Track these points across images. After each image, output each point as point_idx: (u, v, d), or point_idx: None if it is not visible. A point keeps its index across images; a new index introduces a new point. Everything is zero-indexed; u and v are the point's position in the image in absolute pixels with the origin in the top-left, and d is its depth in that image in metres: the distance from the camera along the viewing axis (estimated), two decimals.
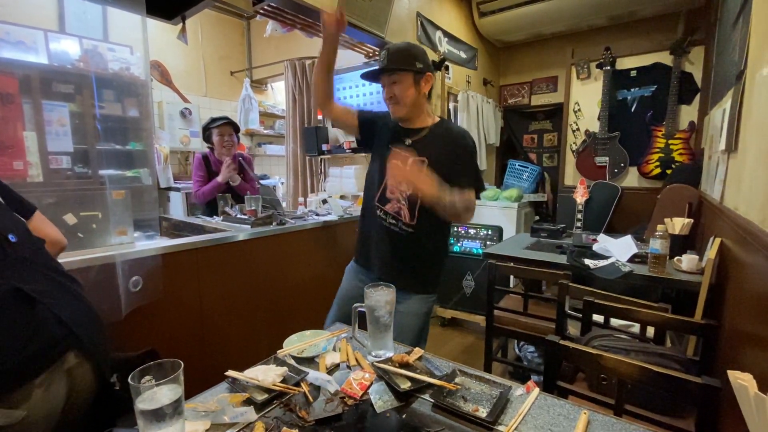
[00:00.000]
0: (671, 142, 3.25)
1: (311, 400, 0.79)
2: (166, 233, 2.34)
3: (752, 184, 1.16)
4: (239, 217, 2.03)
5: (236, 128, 2.50)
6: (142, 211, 2.41)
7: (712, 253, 1.47)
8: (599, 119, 3.58)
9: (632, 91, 3.49)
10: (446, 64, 3.25)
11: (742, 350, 1.03)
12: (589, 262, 1.86)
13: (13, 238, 0.83)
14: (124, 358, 0.94)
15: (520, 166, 4.17)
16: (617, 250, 1.95)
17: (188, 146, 3.88)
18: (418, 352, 0.97)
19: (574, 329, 1.80)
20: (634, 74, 3.47)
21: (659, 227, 1.75)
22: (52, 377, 0.76)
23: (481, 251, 2.86)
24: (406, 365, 0.89)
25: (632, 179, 3.53)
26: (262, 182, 3.63)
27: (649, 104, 3.41)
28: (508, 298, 2.23)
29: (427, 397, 0.81)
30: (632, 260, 1.88)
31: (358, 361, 0.95)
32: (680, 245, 1.92)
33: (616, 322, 1.65)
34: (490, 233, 2.93)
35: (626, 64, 3.50)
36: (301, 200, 2.73)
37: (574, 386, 1.22)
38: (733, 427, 0.90)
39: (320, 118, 3.45)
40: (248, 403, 0.78)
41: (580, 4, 3.28)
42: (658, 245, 1.70)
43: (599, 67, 3.56)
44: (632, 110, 3.50)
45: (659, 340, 1.44)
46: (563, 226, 2.59)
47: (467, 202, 1.27)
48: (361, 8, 2.36)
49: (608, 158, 3.57)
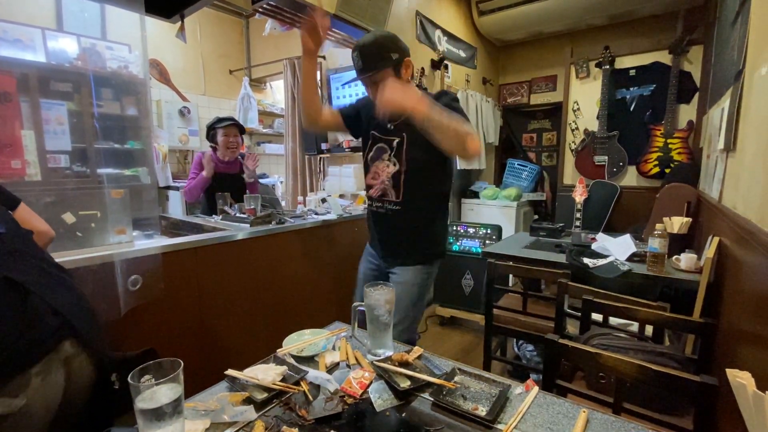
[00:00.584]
0: (670, 141, 3.25)
1: (311, 399, 0.79)
2: (165, 232, 2.34)
3: (750, 183, 1.17)
4: (238, 216, 2.03)
5: (242, 130, 2.53)
6: (140, 210, 2.40)
7: (710, 252, 1.48)
8: (598, 118, 3.59)
9: (631, 90, 3.50)
10: (445, 62, 3.25)
11: (740, 349, 1.03)
12: (588, 261, 1.86)
13: (1, 228, 0.83)
14: (123, 357, 0.94)
15: (519, 165, 4.18)
16: (616, 249, 1.96)
17: (187, 145, 3.87)
18: (417, 350, 0.97)
19: (573, 328, 1.80)
20: (633, 73, 3.47)
21: (658, 226, 1.76)
22: (49, 366, 0.76)
23: (480, 250, 2.87)
24: (405, 364, 0.90)
25: (631, 178, 3.54)
26: (261, 181, 3.63)
27: (647, 103, 3.41)
28: (507, 297, 2.24)
29: (426, 395, 0.81)
30: (631, 259, 1.89)
31: (357, 360, 0.95)
32: (679, 244, 1.92)
33: (615, 320, 1.65)
34: (489, 232, 2.93)
35: (625, 63, 3.50)
36: (300, 199, 2.73)
37: (573, 385, 1.22)
38: (731, 425, 0.90)
39: None
40: (248, 402, 0.78)
41: (579, 3, 3.28)
42: (656, 244, 1.71)
43: (598, 66, 3.57)
44: (631, 109, 3.51)
45: (658, 338, 1.45)
46: (562, 225, 2.60)
47: (465, 124, 1.14)
48: (360, 7, 2.36)
49: (607, 157, 3.57)
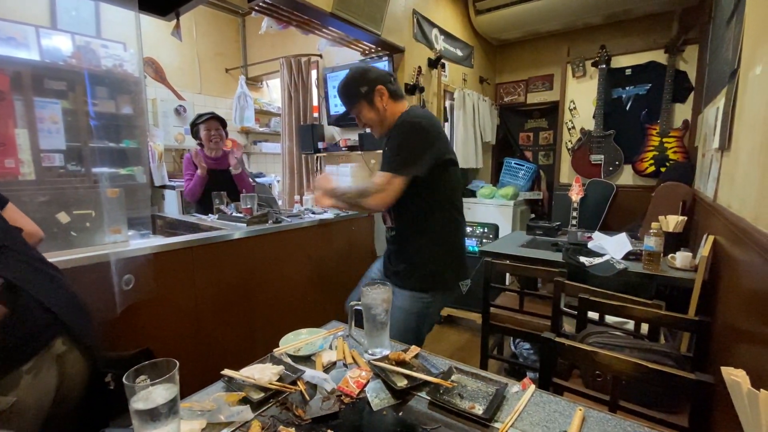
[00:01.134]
0: (665, 140, 3.27)
1: (308, 398, 0.79)
2: (160, 232, 2.33)
3: (745, 181, 1.18)
4: (234, 215, 2.02)
5: (223, 123, 2.51)
6: (136, 209, 2.39)
7: (705, 250, 1.49)
8: (594, 117, 3.60)
9: (627, 89, 3.51)
10: (443, 61, 3.25)
11: (734, 346, 1.04)
12: (584, 259, 1.87)
13: None
14: (118, 357, 0.94)
15: (515, 164, 4.19)
16: (612, 247, 1.97)
17: (183, 144, 3.85)
18: (414, 349, 0.97)
19: (569, 326, 1.81)
20: (629, 73, 3.49)
21: (653, 225, 1.77)
22: (40, 363, 0.75)
23: (477, 249, 2.87)
24: (402, 363, 0.90)
25: (627, 177, 3.56)
26: (257, 180, 3.62)
27: (643, 102, 3.43)
28: (504, 295, 2.24)
29: (423, 394, 0.81)
30: (627, 257, 1.90)
31: (354, 359, 0.95)
32: (674, 243, 1.93)
33: (611, 319, 1.66)
34: (486, 231, 2.94)
35: (621, 62, 3.52)
36: (297, 198, 2.72)
37: (569, 383, 1.23)
38: (725, 422, 0.91)
39: (316, 115, 3.43)
40: (244, 401, 0.77)
41: (575, 2, 3.29)
42: (652, 243, 1.72)
43: (594, 65, 3.58)
44: (627, 108, 3.52)
45: (653, 336, 1.45)
46: (559, 223, 2.61)
47: (366, 188, 1.28)
48: (357, 5, 2.35)
49: (603, 156, 3.59)
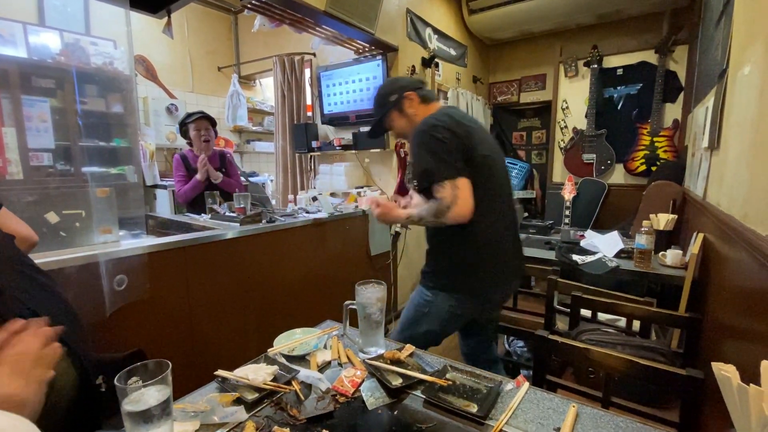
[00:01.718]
0: (656, 139, 3.31)
1: (302, 398, 0.79)
2: (152, 232, 2.30)
3: (734, 180, 1.19)
4: (228, 215, 2.00)
5: (213, 122, 2.49)
6: (127, 209, 2.36)
7: (695, 248, 1.51)
8: (587, 117, 3.63)
9: (619, 89, 3.55)
10: (436, 60, 3.25)
11: (724, 342, 1.06)
12: (576, 257, 1.88)
13: None
14: (109, 359, 0.92)
15: (509, 163, 4.21)
16: (604, 245, 1.99)
17: (175, 143, 3.81)
18: (409, 348, 0.97)
19: (562, 324, 1.82)
20: (620, 72, 3.52)
21: (644, 223, 1.79)
22: None
23: None
24: (397, 362, 0.90)
25: (618, 176, 3.59)
26: (251, 179, 3.60)
27: (635, 102, 3.47)
28: None
29: (418, 393, 0.81)
30: (619, 255, 1.92)
31: (349, 358, 0.95)
32: (665, 241, 1.96)
33: (603, 316, 1.68)
34: None
35: (613, 62, 3.55)
36: (290, 197, 2.71)
37: (562, 380, 1.24)
38: (716, 416, 0.92)
39: (309, 114, 3.42)
40: (238, 402, 0.77)
41: (567, 2, 3.31)
42: (643, 241, 1.74)
43: (587, 65, 3.61)
44: (618, 108, 3.56)
45: (645, 333, 1.47)
46: (551, 222, 2.63)
47: (437, 208, 1.20)
48: (350, 4, 2.34)
49: (595, 155, 3.62)
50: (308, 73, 3.35)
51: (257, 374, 0.82)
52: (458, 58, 3.79)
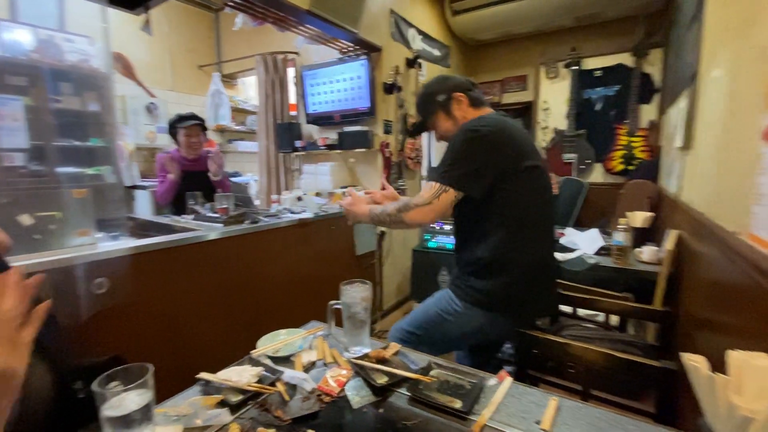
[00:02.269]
0: (633, 139, 3.41)
1: (287, 399, 0.79)
2: (132, 233, 2.25)
3: (705, 179, 1.24)
4: (210, 215, 1.97)
5: (204, 128, 2.51)
6: (105, 210, 2.30)
7: (669, 244, 1.56)
8: (567, 117, 3.71)
9: (597, 90, 3.64)
10: (419, 61, 3.27)
11: (696, 334, 1.10)
12: (557, 255, 1.92)
13: None
14: (88, 364, 0.90)
15: None
16: (584, 243, 2.04)
17: (155, 142, 3.72)
18: (394, 347, 0.98)
19: (543, 320, 1.86)
20: (599, 74, 3.62)
21: (621, 220, 1.84)
22: None
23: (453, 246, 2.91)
24: (382, 360, 0.90)
25: (597, 175, 3.69)
26: (233, 179, 3.54)
27: (612, 103, 3.56)
28: None
29: (403, 390, 0.82)
30: (599, 252, 1.97)
31: (334, 358, 0.95)
32: (641, 237, 2.02)
33: (583, 312, 1.72)
34: None
35: (591, 64, 3.64)
36: (275, 197, 2.68)
37: (544, 374, 1.27)
38: (689, 406, 0.96)
39: (293, 113, 3.39)
40: (222, 405, 0.76)
41: (547, 4, 3.38)
42: (621, 238, 1.79)
43: (567, 66, 3.69)
44: (597, 109, 3.65)
45: (622, 327, 1.52)
46: None
47: (408, 201, 1.19)
48: (334, 3, 2.33)
49: (575, 155, 3.71)
50: (292, 72, 3.32)
51: (241, 376, 0.81)
52: (442, 58, 3.82)
